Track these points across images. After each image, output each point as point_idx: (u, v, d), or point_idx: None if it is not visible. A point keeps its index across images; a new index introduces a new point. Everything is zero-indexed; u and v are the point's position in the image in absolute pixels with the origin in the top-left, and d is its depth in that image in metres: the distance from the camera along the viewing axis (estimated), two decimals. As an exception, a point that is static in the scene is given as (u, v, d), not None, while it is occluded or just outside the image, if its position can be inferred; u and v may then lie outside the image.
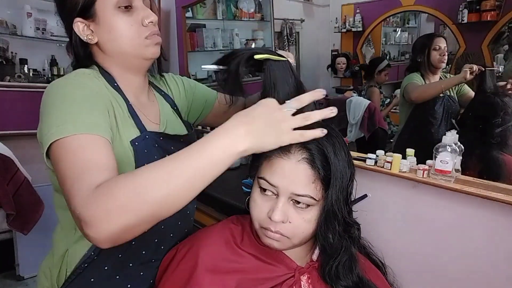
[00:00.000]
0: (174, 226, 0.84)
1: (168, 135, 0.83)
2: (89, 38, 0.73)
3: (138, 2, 0.74)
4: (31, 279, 2.26)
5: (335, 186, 0.67)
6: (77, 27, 0.73)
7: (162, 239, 0.81)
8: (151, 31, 0.74)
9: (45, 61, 2.37)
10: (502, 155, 1.17)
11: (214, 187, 1.61)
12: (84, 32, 0.73)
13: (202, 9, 2.46)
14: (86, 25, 0.73)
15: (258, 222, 0.71)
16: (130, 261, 0.78)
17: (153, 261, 0.81)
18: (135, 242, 0.76)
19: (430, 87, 1.51)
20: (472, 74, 1.31)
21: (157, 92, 0.89)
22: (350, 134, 1.79)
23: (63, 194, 0.58)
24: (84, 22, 0.72)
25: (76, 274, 0.74)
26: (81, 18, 0.72)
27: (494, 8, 1.32)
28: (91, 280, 0.75)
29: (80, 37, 0.74)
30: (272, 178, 0.68)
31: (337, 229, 0.69)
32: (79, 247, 0.74)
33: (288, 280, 0.73)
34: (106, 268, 0.76)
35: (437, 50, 1.49)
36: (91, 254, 0.74)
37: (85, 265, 0.74)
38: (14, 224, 1.80)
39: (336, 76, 2.02)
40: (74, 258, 0.74)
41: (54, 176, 0.69)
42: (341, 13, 1.90)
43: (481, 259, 0.95)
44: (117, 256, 0.76)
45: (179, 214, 0.79)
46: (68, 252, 0.75)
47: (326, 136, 0.66)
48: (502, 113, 1.17)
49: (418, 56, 1.55)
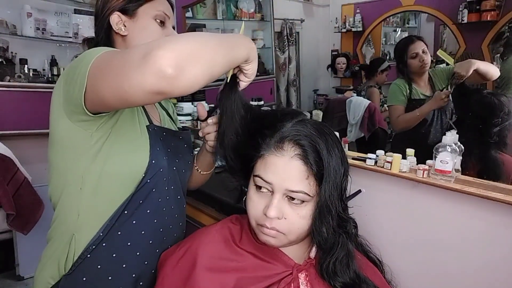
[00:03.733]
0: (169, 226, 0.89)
1: (170, 131, 0.92)
2: (121, 29, 0.85)
3: (169, 24, 0.89)
4: (31, 279, 2.26)
5: (328, 181, 0.68)
6: (114, 18, 0.84)
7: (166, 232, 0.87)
8: None
9: (45, 61, 2.37)
10: (501, 154, 1.17)
11: (214, 187, 1.62)
12: (118, 25, 0.84)
13: (202, 9, 2.46)
14: (121, 20, 0.84)
15: (255, 219, 0.72)
16: (138, 250, 0.81)
17: (157, 251, 0.84)
18: (144, 232, 0.81)
19: (406, 120, 1.51)
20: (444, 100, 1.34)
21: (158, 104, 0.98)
22: (350, 134, 1.79)
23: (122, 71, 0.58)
24: (122, 17, 0.84)
25: (84, 257, 0.76)
26: (121, 13, 0.84)
27: (494, 8, 1.32)
28: (98, 267, 0.77)
29: (112, 26, 0.84)
30: (267, 175, 0.70)
31: (331, 224, 0.70)
32: (85, 229, 0.77)
33: (286, 278, 0.73)
34: (114, 256, 0.78)
35: (414, 58, 1.45)
36: (99, 235, 0.76)
37: (93, 247, 0.76)
38: (14, 224, 1.80)
39: (336, 76, 2.03)
40: (81, 242, 0.77)
41: (64, 156, 0.75)
42: (341, 13, 1.90)
43: (480, 259, 0.96)
44: (126, 244, 0.79)
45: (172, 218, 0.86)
46: (75, 237, 0.77)
47: (319, 133, 0.69)
48: (499, 112, 1.17)
49: (399, 63, 1.53)
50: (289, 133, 0.70)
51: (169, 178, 0.86)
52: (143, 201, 0.80)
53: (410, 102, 1.52)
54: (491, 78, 1.34)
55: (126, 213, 0.78)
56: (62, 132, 0.73)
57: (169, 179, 0.86)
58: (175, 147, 0.91)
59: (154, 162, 0.79)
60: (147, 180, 0.79)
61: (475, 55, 1.42)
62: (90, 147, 0.73)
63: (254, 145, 0.74)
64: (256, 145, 0.74)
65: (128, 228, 0.79)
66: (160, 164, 0.81)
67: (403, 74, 1.50)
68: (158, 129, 0.86)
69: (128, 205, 0.78)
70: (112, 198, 0.77)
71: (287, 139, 0.70)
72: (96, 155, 0.74)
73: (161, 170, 0.82)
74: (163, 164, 0.82)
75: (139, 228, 0.80)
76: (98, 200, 0.76)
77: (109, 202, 0.77)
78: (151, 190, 0.81)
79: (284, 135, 0.71)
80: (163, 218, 0.85)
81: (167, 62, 0.52)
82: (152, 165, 0.79)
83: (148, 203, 0.81)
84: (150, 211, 0.81)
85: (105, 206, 0.77)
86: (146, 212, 0.81)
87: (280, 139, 0.71)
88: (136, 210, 0.79)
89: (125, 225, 0.78)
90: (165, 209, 0.85)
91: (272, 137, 0.72)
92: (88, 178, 0.75)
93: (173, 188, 0.88)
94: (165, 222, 0.86)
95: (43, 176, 0.81)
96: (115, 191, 0.77)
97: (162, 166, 0.82)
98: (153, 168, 0.79)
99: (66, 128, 0.72)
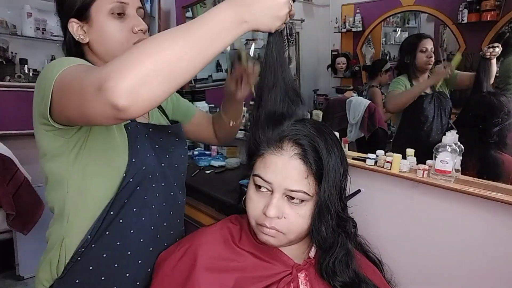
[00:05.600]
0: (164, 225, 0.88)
1: (157, 126, 0.90)
2: (81, 38, 0.78)
3: (131, 11, 0.79)
4: (31, 279, 2.26)
5: (327, 181, 0.68)
6: (71, 26, 0.78)
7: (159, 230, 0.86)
8: (139, 38, 0.79)
9: (45, 61, 2.37)
10: (501, 154, 1.17)
11: (214, 187, 1.62)
12: (77, 32, 0.78)
13: (202, 9, 2.46)
14: (80, 26, 0.78)
15: (254, 219, 0.72)
16: (129, 249, 0.80)
17: (151, 249, 0.83)
18: (133, 231, 0.80)
19: (402, 97, 1.49)
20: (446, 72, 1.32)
21: None
22: (350, 134, 1.79)
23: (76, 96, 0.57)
24: (79, 23, 0.78)
25: (74, 260, 0.77)
26: (76, 19, 0.77)
27: (494, 8, 1.31)
28: (89, 269, 0.77)
29: (73, 36, 0.79)
30: (266, 174, 0.70)
31: (330, 223, 0.70)
32: (74, 233, 0.77)
33: (286, 278, 0.73)
34: (104, 256, 0.78)
35: (424, 52, 1.48)
36: (87, 238, 0.76)
37: (82, 249, 0.76)
38: (14, 224, 1.80)
39: (336, 76, 2.02)
40: (71, 245, 0.77)
41: (49, 163, 0.74)
42: (341, 13, 1.90)
43: (480, 259, 0.95)
44: (116, 244, 0.78)
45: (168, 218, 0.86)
46: (65, 240, 0.77)
47: (318, 132, 0.69)
48: (499, 112, 1.17)
49: (405, 57, 1.55)
50: (289, 133, 0.70)
51: (156, 175, 0.84)
52: (127, 199, 0.79)
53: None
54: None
55: (112, 213, 0.78)
56: (40, 140, 0.74)
57: (156, 175, 0.84)
58: (164, 142, 0.89)
59: (134, 160, 0.78)
60: (129, 179, 0.78)
61: (475, 55, 1.42)
62: (69, 152, 0.74)
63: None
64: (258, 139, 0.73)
65: (115, 228, 0.78)
66: (143, 162, 0.80)
67: (407, 69, 1.52)
68: (141, 126, 0.84)
69: (113, 205, 0.77)
70: (97, 200, 0.77)
71: (286, 139, 0.70)
72: (75, 158, 0.75)
73: (143, 168, 0.80)
74: (146, 162, 0.81)
75: (127, 227, 0.79)
76: (84, 203, 0.77)
77: (94, 204, 0.77)
78: (135, 189, 0.79)
79: (283, 134, 0.71)
80: (152, 216, 0.83)
81: (118, 95, 0.49)
82: (133, 164, 0.78)
83: (133, 202, 0.80)
84: (136, 209, 0.80)
85: (91, 209, 0.77)
86: (132, 211, 0.80)
87: (280, 139, 0.70)
88: (122, 209, 0.79)
89: (112, 225, 0.78)
90: (154, 206, 0.84)
91: (272, 136, 0.72)
92: (71, 181, 0.76)
93: (163, 185, 0.86)
94: (156, 220, 0.84)
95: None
96: (98, 193, 0.77)
97: (145, 163, 0.80)
98: (134, 167, 0.78)
99: (43, 136, 0.73)
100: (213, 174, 1.82)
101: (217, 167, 1.91)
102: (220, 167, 1.89)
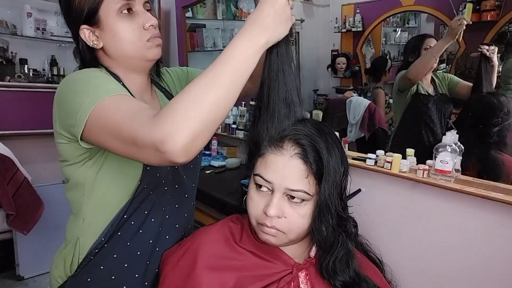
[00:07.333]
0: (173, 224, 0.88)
1: None
2: (94, 44, 0.77)
3: (139, 7, 0.77)
4: (31, 279, 2.26)
5: (328, 180, 0.69)
6: (83, 33, 0.76)
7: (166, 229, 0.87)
8: (152, 34, 0.78)
9: (45, 61, 2.37)
10: (501, 154, 1.17)
11: (214, 187, 1.61)
12: (90, 38, 0.76)
13: (202, 9, 2.46)
14: (91, 32, 0.76)
15: (255, 218, 0.73)
16: (138, 250, 0.81)
17: (157, 249, 0.84)
18: (142, 230, 0.81)
19: (421, 60, 1.47)
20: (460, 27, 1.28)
21: (158, 90, 0.92)
22: (350, 134, 1.79)
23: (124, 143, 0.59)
24: (90, 28, 0.76)
25: (88, 260, 0.78)
26: (86, 25, 0.75)
27: (494, 8, 1.31)
28: (101, 268, 0.79)
29: (86, 43, 0.77)
30: (267, 174, 0.70)
31: (331, 223, 0.71)
32: (89, 234, 0.79)
33: (286, 277, 0.73)
34: (115, 256, 0.80)
35: (427, 50, 1.49)
36: (101, 240, 0.78)
37: (96, 250, 0.78)
38: (14, 224, 1.80)
39: (336, 76, 2.02)
40: (85, 246, 0.79)
41: (69, 168, 0.76)
42: (341, 13, 1.89)
43: (480, 259, 0.96)
44: (126, 244, 0.80)
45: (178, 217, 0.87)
46: (79, 240, 0.79)
47: (319, 132, 0.69)
48: (499, 112, 1.17)
49: (409, 56, 1.55)
50: (289, 132, 0.71)
51: (170, 178, 0.85)
52: (140, 204, 0.80)
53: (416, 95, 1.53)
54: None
55: (126, 216, 0.79)
56: (61, 148, 0.75)
57: (170, 178, 0.85)
58: None
59: (149, 168, 0.78)
60: (144, 186, 0.79)
61: (474, 55, 1.42)
62: (89, 161, 0.76)
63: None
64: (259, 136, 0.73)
65: (127, 230, 0.80)
66: (157, 169, 0.80)
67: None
68: None
69: (127, 210, 0.79)
70: (112, 206, 0.78)
71: (287, 138, 0.70)
72: (95, 166, 0.76)
73: (157, 174, 0.81)
74: (160, 168, 0.81)
75: (137, 228, 0.81)
76: (99, 207, 0.78)
77: (110, 209, 0.78)
78: (149, 194, 0.81)
79: (284, 134, 0.71)
80: (162, 217, 0.84)
81: (176, 155, 0.54)
82: (147, 172, 0.78)
83: (145, 205, 0.81)
84: (147, 212, 0.82)
85: (106, 213, 0.78)
86: (143, 213, 0.81)
87: (280, 138, 0.71)
88: (134, 212, 0.80)
89: (124, 227, 0.80)
90: (165, 208, 0.85)
91: (272, 136, 0.72)
92: (88, 186, 0.77)
93: (176, 187, 0.87)
94: (166, 221, 0.85)
95: (43, 176, 0.82)
96: (114, 200, 0.78)
97: (159, 170, 0.81)
98: (149, 175, 0.78)
99: (64, 145, 0.73)
100: (213, 174, 1.82)
101: (217, 167, 1.91)
102: (220, 167, 1.90)
